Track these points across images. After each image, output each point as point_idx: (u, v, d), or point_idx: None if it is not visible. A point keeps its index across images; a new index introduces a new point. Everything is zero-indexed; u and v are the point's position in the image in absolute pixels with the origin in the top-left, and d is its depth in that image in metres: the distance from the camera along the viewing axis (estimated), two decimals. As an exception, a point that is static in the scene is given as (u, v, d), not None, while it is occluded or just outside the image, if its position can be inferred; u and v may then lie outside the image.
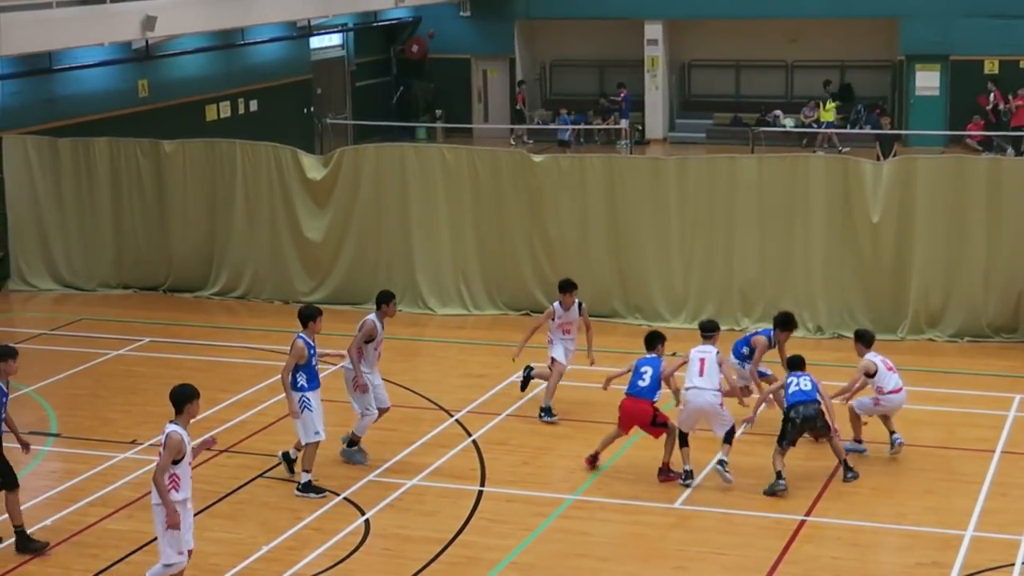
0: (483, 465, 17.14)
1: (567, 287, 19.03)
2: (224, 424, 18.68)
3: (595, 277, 23.52)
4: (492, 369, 20.84)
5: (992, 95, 38.58)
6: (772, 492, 16.01)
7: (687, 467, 16.36)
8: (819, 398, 16.23)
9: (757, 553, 14.63)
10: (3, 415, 14.86)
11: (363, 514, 15.71)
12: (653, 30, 42.01)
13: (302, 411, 16.05)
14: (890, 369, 16.99)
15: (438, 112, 43.86)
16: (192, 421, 13.20)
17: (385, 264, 24.66)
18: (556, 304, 19.06)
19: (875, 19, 39.88)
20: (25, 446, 15.09)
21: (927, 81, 39.80)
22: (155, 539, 13.26)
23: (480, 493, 16.25)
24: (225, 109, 35.50)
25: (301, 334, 16.23)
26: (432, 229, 24.38)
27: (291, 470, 16.69)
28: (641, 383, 16.56)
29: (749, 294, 22.93)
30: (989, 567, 14.20)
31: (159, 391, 20.09)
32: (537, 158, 24.10)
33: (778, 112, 40.98)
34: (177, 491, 12.97)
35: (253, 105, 36.61)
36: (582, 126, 41.27)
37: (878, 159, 28.89)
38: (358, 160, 24.75)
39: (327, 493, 16.13)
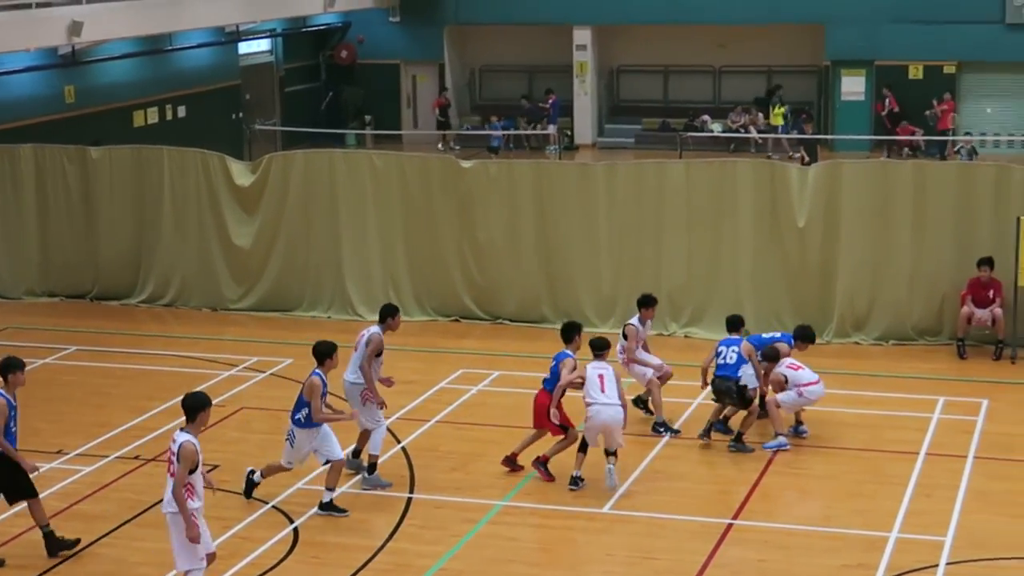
0: (412, 472, 17.13)
1: (651, 301, 18.97)
2: (152, 433, 18.57)
3: (524, 283, 23.61)
4: (422, 375, 20.82)
5: (887, 100, 39.00)
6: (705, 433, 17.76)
7: (576, 473, 16.43)
8: (740, 374, 17.38)
9: (685, 556, 14.72)
10: (14, 428, 14.69)
11: (292, 522, 15.67)
12: (582, 35, 42.19)
13: (286, 441, 15.77)
14: (797, 368, 17.80)
15: (367, 118, 43.81)
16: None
17: (314, 270, 24.61)
18: (635, 320, 18.85)
19: (802, 25, 40.22)
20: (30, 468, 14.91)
21: (852, 86, 40.21)
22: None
23: (409, 500, 16.24)
24: (153, 115, 35.33)
25: (317, 370, 15.72)
26: (361, 235, 24.34)
27: (248, 494, 16.28)
28: (548, 376, 16.77)
29: (677, 299, 23.06)
30: (914, 568, 14.35)
31: (86, 400, 20.09)
32: (466, 164, 24.12)
33: (706, 117, 41.25)
34: (192, 500, 12.93)
35: (181, 111, 36.45)
36: (512, 132, 41.32)
37: (803, 164, 29.15)
38: (287, 166, 24.67)
39: (348, 513, 15.87)
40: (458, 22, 43.23)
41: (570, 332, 17.04)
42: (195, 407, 13.00)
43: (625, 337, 18.66)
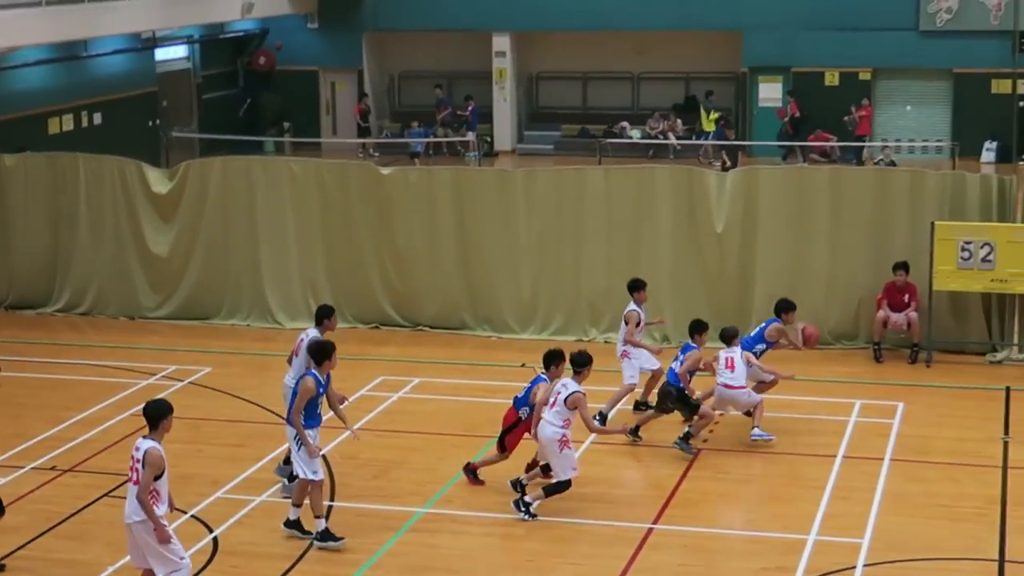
0: (333, 480, 17.06)
1: (641, 285, 19.22)
2: (69, 443, 18.38)
3: (444, 289, 23.61)
4: (341, 383, 20.57)
5: (789, 106, 39.35)
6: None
7: (521, 479, 16.35)
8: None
9: (607, 562, 14.75)
10: None
11: (211, 531, 15.56)
12: (501, 42, 42.26)
13: (297, 449, 15.12)
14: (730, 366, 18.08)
15: (286, 125, 43.61)
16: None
17: (233, 278, 24.46)
18: (634, 305, 19.03)
19: (719, 31, 40.50)
20: None
21: (770, 93, 40.54)
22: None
23: (330, 508, 16.15)
24: (68, 122, 34.97)
25: (312, 370, 15.31)
26: (280, 242, 24.23)
27: (302, 530, 15.51)
28: (519, 395, 16.58)
29: (597, 304, 23.14)
30: (832, 570, 14.48)
31: (2, 410, 19.80)
32: (385, 170, 24.08)
33: (625, 123, 41.43)
34: (159, 506, 12.80)
35: (97, 118, 36.11)
36: (431, 139, 41.26)
37: (724, 169, 29.35)
38: (204, 173, 24.51)
39: (344, 541, 15.29)
40: (377, 29, 43.15)
41: (549, 360, 16.38)
42: (157, 415, 12.90)
43: (626, 323, 18.88)
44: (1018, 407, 19.45)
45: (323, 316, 16.89)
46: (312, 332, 16.69)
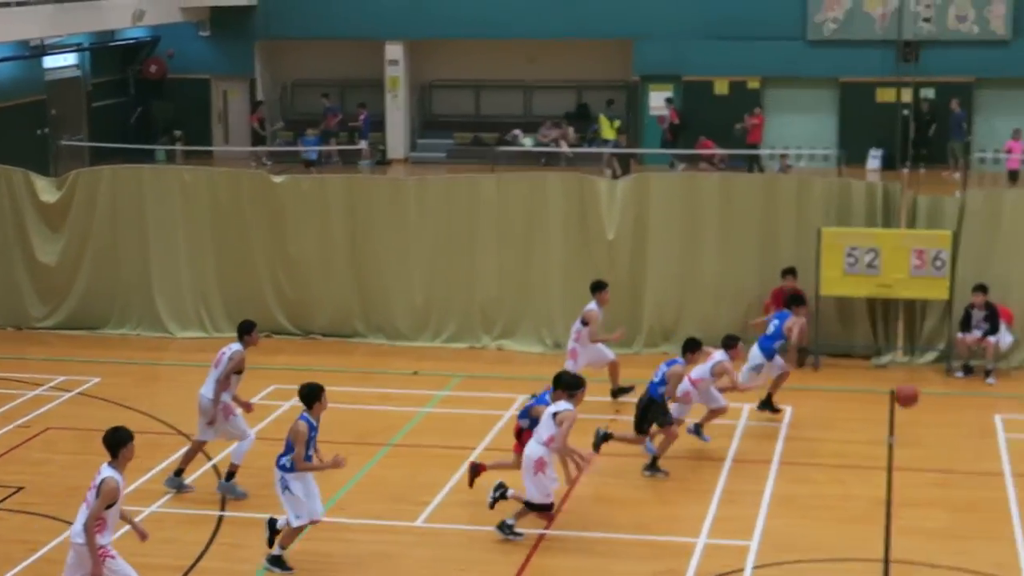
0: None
1: (603, 286, 19.96)
2: (-46, 455, 18.14)
3: (336, 297, 23.57)
4: (233, 392, 20.60)
5: (669, 114, 39.73)
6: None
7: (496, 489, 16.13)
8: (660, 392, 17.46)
9: (498, 568, 14.81)
10: None
11: (100, 543, 15.39)
12: (394, 51, 42.28)
13: (283, 492, 14.62)
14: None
15: (177, 133, 43.28)
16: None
17: (123, 288, 24.23)
18: (593, 305, 19.78)
19: (611, 40, 40.79)
20: None
21: (660, 101, 40.86)
22: None
23: (221, 518, 16.08)
24: (-46, 130, 34.46)
25: (304, 414, 14.71)
26: (171, 251, 24.05)
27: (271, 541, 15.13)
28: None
29: (490, 311, 23.23)
30: (721, 572, 14.65)
31: None
32: (277, 179, 23.99)
33: (518, 131, 41.59)
34: (103, 535, 12.60)
35: (-17, 126, 35.61)
36: (323, 147, 41.08)
37: (615, 177, 29.56)
38: (93, 182, 24.27)
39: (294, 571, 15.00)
40: (269, 37, 42.98)
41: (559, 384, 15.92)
42: (115, 443, 12.72)
43: (584, 323, 19.57)
44: (903, 410, 19.74)
45: (243, 332, 16.90)
46: (235, 347, 16.72)
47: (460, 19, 41.01)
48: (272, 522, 14.96)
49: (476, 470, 16.64)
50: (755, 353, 19.58)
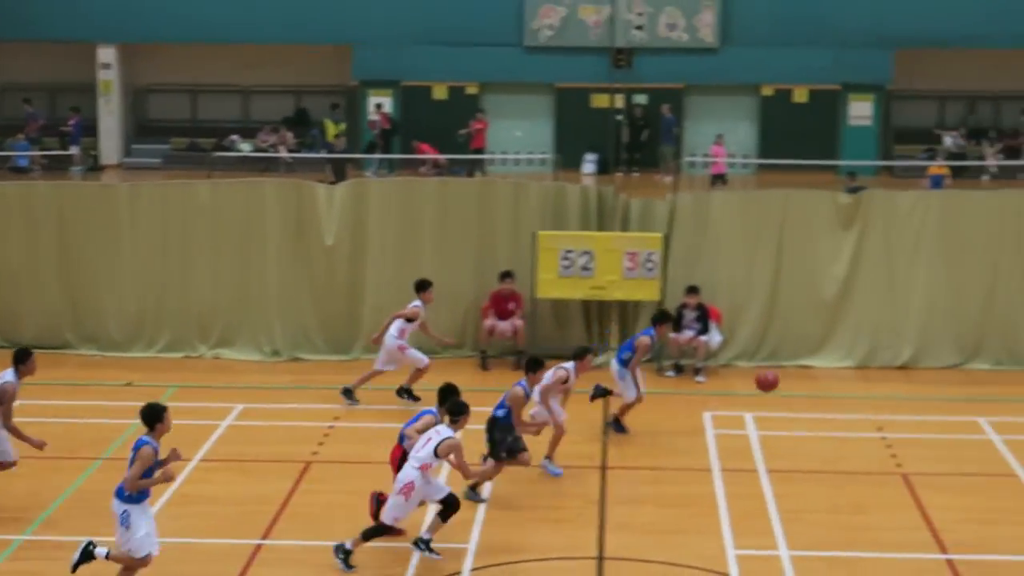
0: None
1: (426, 285, 20.52)
2: None
3: (45, 307, 22.96)
4: None
5: (379, 119, 39.87)
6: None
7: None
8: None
9: (213, 579, 14.61)
10: None
11: None
12: (106, 54, 41.29)
13: (123, 526, 13.62)
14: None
15: None
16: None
17: None
18: (418, 303, 20.21)
19: (329, 45, 40.61)
20: None
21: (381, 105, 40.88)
22: None
23: (-78, 539, 15.46)
24: None
25: (145, 437, 13.70)
26: None
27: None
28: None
29: (206, 320, 22.90)
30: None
31: None
32: (-20, 186, 23.23)
33: (235, 137, 41.10)
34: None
35: None
36: (31, 153, 39.80)
37: (332, 183, 29.41)
38: None
39: None
40: (-27, 37, 41.49)
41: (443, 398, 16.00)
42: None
43: (410, 320, 20.24)
44: (615, 409, 20.13)
45: (18, 360, 16.20)
46: (11, 380, 16.02)
47: (175, 23, 40.23)
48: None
49: (380, 500, 15.58)
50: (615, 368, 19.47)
